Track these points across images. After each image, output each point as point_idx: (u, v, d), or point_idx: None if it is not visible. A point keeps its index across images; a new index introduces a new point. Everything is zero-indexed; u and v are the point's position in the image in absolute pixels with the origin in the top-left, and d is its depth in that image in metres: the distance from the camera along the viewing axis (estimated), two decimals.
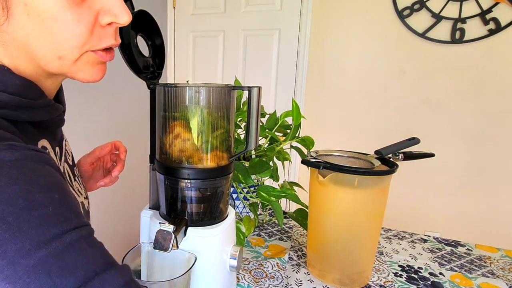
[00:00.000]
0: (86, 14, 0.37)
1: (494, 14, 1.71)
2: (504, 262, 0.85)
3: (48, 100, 0.44)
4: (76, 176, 0.59)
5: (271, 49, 2.17)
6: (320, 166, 0.68)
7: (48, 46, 0.38)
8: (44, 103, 0.43)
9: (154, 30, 0.62)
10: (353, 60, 2.03)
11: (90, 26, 0.38)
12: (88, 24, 0.38)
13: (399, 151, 0.76)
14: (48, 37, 0.37)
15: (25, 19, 0.36)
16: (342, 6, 2.00)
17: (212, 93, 0.56)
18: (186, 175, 0.56)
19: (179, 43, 2.42)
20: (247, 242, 0.90)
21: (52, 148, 0.48)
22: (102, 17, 0.39)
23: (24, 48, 0.38)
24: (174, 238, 0.51)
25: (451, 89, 1.86)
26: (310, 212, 0.78)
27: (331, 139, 2.13)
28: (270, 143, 0.98)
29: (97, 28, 0.39)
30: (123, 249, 0.55)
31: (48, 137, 0.47)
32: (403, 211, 1.99)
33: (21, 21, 0.36)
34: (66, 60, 0.39)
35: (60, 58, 0.39)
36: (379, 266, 0.81)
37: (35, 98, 0.41)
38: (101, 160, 0.73)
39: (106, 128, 1.85)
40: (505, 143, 1.80)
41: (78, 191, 0.55)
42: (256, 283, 0.73)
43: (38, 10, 0.35)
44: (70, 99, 1.76)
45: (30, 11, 0.35)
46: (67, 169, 0.54)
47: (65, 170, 0.53)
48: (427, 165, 1.91)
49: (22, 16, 0.36)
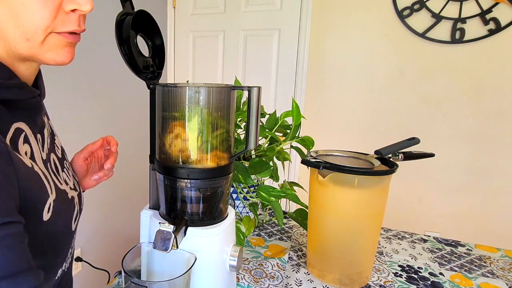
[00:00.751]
0: (50, 1, 0.41)
1: (494, 14, 1.71)
2: (504, 262, 0.85)
3: (20, 81, 0.46)
4: (66, 168, 0.60)
5: (271, 49, 2.17)
6: (320, 166, 0.68)
7: (17, 29, 0.42)
8: (14, 84, 0.44)
9: (154, 30, 0.62)
10: (353, 60, 2.03)
11: (54, 11, 0.42)
12: (52, 9, 0.42)
13: (399, 151, 0.76)
14: (17, 21, 0.41)
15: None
16: (342, 6, 2.00)
17: (212, 93, 0.56)
18: (186, 175, 0.56)
19: (179, 43, 2.42)
20: (247, 242, 0.90)
21: (32, 133, 0.49)
22: (66, 4, 0.43)
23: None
24: (174, 238, 0.51)
25: (451, 89, 1.86)
26: (310, 212, 0.78)
27: (331, 139, 2.13)
28: (270, 143, 0.98)
29: (60, 14, 0.43)
30: (123, 249, 0.55)
31: (27, 121, 0.48)
32: (403, 211, 1.99)
33: None
34: (33, 42, 0.43)
35: (28, 40, 0.42)
36: (379, 266, 0.81)
37: (4, 78, 0.43)
38: (95, 156, 0.74)
39: (106, 128, 1.85)
40: (505, 143, 1.80)
41: (64, 181, 0.56)
42: (256, 283, 0.73)
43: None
44: (70, 99, 1.76)
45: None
46: (54, 159, 0.55)
47: (51, 159, 0.54)
48: (427, 165, 1.91)
49: None
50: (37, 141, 0.50)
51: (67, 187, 0.56)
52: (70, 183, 0.58)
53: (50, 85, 1.67)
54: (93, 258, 1.68)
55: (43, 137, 0.53)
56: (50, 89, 1.61)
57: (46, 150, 0.53)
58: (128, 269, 0.54)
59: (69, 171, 0.61)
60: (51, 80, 1.52)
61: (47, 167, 0.51)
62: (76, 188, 0.61)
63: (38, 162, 0.48)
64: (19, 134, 0.45)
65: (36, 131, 0.51)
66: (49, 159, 0.53)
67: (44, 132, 0.55)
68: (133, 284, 0.49)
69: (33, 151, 0.48)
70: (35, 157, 0.48)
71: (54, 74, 1.52)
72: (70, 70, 1.62)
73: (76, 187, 0.61)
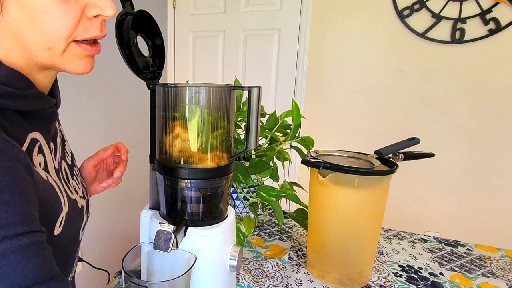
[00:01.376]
0: (73, 7, 0.40)
1: (494, 14, 1.71)
2: (504, 262, 0.85)
3: (38, 91, 0.45)
4: (75, 175, 0.59)
5: (271, 49, 2.17)
6: (320, 166, 0.68)
7: (38, 38, 0.40)
8: (32, 94, 0.44)
9: (154, 30, 0.62)
10: (353, 60, 2.03)
11: (77, 18, 0.41)
12: (75, 17, 0.40)
13: (399, 151, 0.76)
14: (38, 29, 0.39)
15: (17, 12, 0.38)
16: (342, 6, 2.00)
17: (212, 93, 0.56)
18: (186, 175, 0.56)
19: (179, 43, 2.42)
20: (247, 242, 0.90)
21: (46, 142, 0.48)
22: (89, 10, 0.42)
23: (16, 39, 0.40)
24: (174, 238, 0.51)
25: (451, 89, 1.86)
26: (310, 212, 0.78)
27: (331, 139, 2.13)
28: (270, 143, 0.98)
29: (83, 20, 0.42)
30: (123, 249, 0.55)
31: (41, 130, 0.47)
32: (403, 211, 1.99)
33: (13, 14, 0.38)
34: (55, 51, 0.41)
35: (50, 49, 0.41)
36: (379, 266, 0.81)
37: (23, 89, 0.42)
38: (104, 162, 0.73)
39: (106, 128, 1.85)
40: (505, 143, 1.80)
41: (74, 189, 0.56)
42: (256, 283, 0.73)
43: (28, 3, 0.38)
44: (70, 99, 1.76)
45: (21, 5, 0.38)
46: (64, 167, 0.54)
47: (63, 168, 0.53)
48: (427, 165, 1.91)
49: (14, 9, 0.38)
50: (50, 150, 0.49)
51: (77, 196, 0.55)
52: (79, 191, 0.58)
53: None
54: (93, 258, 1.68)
55: (55, 145, 0.53)
56: None
57: (58, 158, 0.53)
58: (128, 269, 0.54)
59: (78, 178, 0.60)
60: None
61: (59, 177, 0.50)
62: (85, 196, 0.60)
63: (52, 173, 0.48)
64: (34, 144, 0.44)
65: (49, 140, 0.50)
66: (61, 168, 0.53)
67: (57, 139, 0.54)
68: (133, 284, 0.49)
69: (46, 162, 0.47)
70: (49, 167, 0.47)
71: None
72: None
73: (84, 194, 0.60)
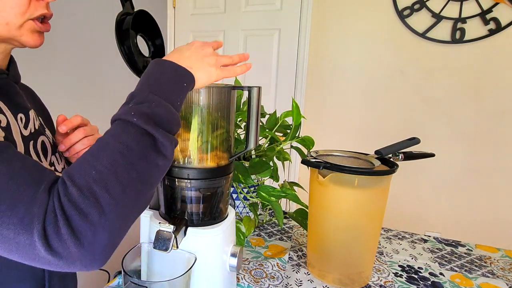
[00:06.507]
0: None
1: (494, 14, 1.71)
2: (504, 262, 0.85)
3: None
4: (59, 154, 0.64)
5: (271, 49, 2.17)
6: (320, 166, 0.68)
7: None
8: None
9: (154, 30, 0.62)
10: (353, 60, 2.03)
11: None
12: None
13: (399, 151, 0.76)
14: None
15: None
16: (342, 6, 2.00)
17: (212, 93, 0.56)
18: (186, 175, 0.56)
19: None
20: (247, 242, 0.90)
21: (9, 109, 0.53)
22: None
23: None
24: (174, 238, 0.51)
25: (451, 89, 1.86)
26: (310, 212, 0.78)
27: (331, 139, 2.13)
28: (270, 143, 0.98)
29: (33, 1, 0.51)
30: (123, 249, 0.55)
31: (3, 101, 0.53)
32: (403, 211, 1.99)
33: None
34: (12, 26, 0.50)
35: (7, 24, 0.50)
36: (379, 266, 0.81)
37: None
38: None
39: (106, 128, 1.85)
40: (505, 143, 1.79)
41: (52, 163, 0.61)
42: (256, 283, 0.73)
43: None
44: (70, 99, 1.76)
45: None
46: (43, 141, 0.60)
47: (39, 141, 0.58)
48: (427, 165, 1.91)
49: None
50: (16, 119, 0.54)
51: (51, 168, 0.59)
52: (58, 166, 0.62)
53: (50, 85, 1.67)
54: None
55: (28, 118, 0.57)
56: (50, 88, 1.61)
57: (31, 130, 0.57)
58: (128, 269, 0.54)
59: (62, 157, 0.65)
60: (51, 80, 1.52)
61: (28, 145, 0.55)
62: None
63: (16, 136, 0.52)
64: None
65: (16, 111, 0.54)
66: (35, 139, 0.57)
67: (30, 115, 0.58)
68: (133, 284, 0.49)
69: (9, 123, 0.51)
70: (12, 129, 0.52)
71: (54, 74, 1.52)
72: (70, 69, 1.62)
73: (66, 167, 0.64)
